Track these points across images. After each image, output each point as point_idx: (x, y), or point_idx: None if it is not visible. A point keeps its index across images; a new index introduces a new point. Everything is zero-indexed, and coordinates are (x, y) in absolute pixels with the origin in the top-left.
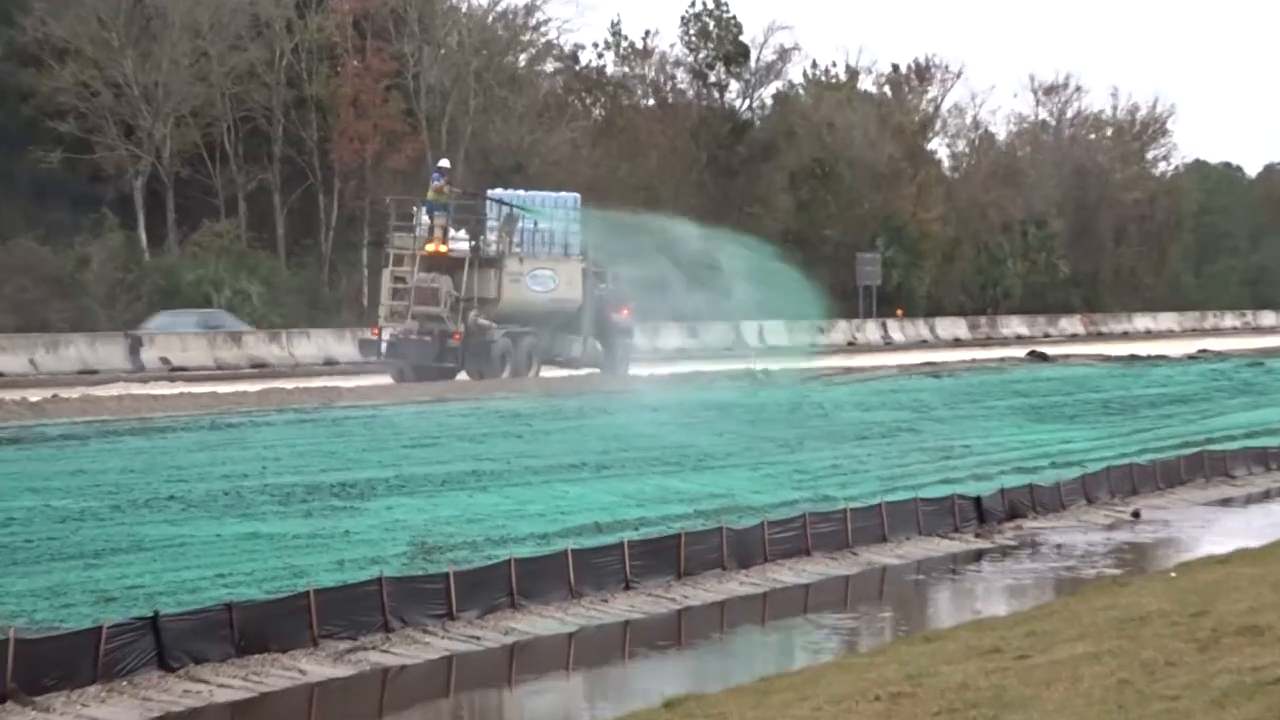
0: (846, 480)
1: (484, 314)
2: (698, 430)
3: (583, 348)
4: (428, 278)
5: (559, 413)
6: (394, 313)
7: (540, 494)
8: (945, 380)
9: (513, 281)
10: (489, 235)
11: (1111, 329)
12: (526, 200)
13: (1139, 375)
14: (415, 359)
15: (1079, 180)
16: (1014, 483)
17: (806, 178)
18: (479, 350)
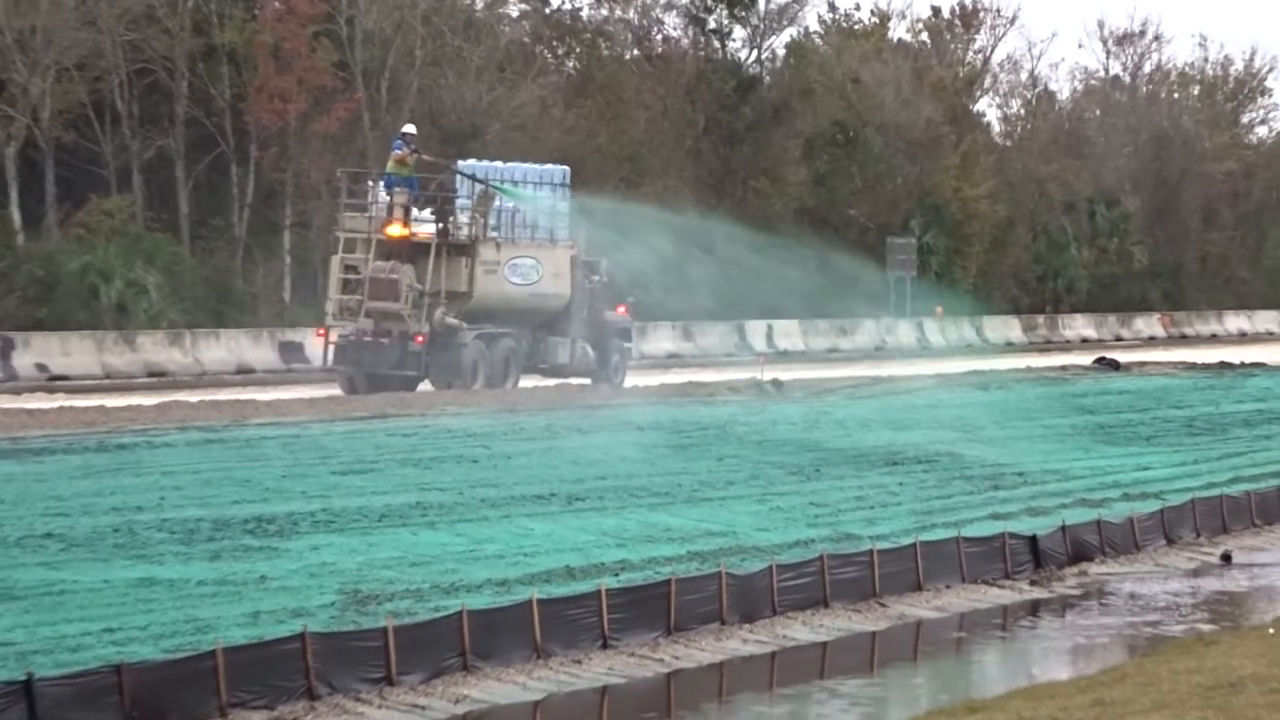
0: (873, 515)
1: (453, 311)
2: (692, 454)
3: (571, 353)
4: (385, 267)
5: (522, 432)
6: (344, 309)
7: (499, 531)
8: (995, 393)
9: (488, 272)
10: (460, 216)
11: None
12: (506, 174)
13: (1231, 387)
14: (369, 366)
15: (1158, 150)
16: (1078, 518)
17: (826, 145)
18: (447, 356)
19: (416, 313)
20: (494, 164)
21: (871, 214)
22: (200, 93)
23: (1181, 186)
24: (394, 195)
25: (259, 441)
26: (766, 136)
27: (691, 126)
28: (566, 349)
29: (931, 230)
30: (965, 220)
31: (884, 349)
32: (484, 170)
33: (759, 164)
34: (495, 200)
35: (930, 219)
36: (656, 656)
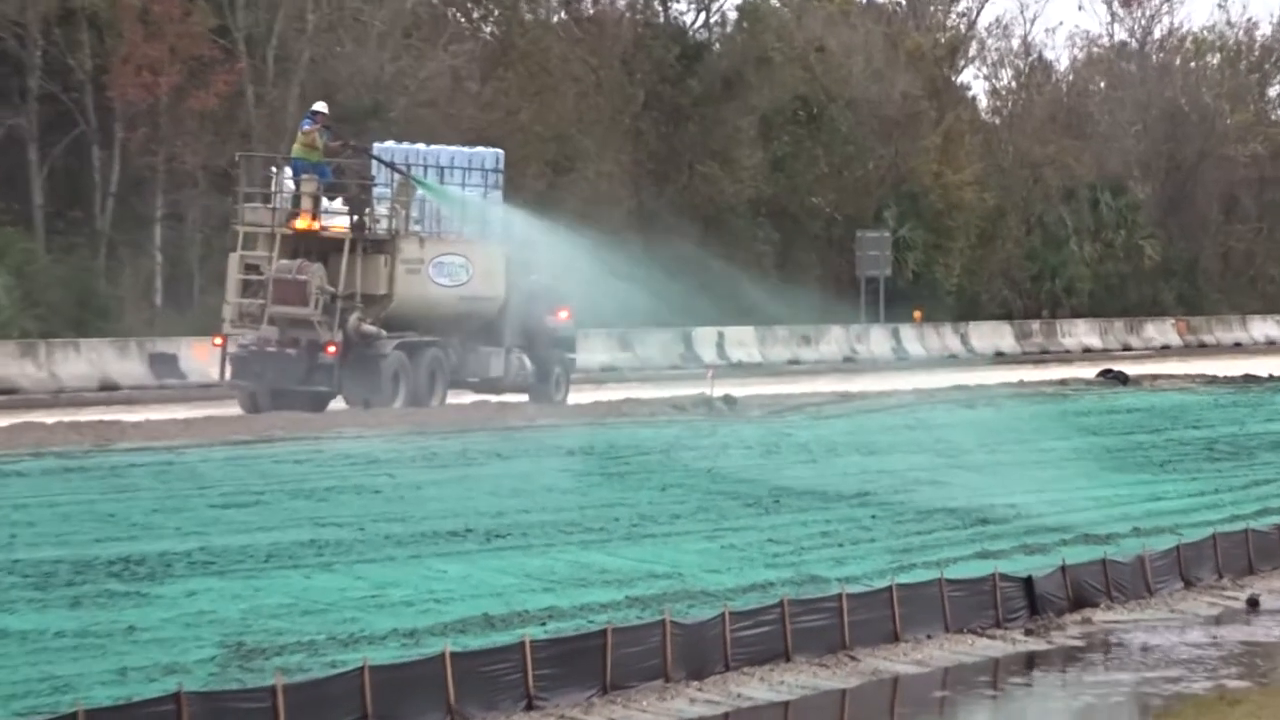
0: (842, 554)
1: (370, 317)
2: (631, 483)
3: (506, 365)
4: (291, 266)
5: (434, 457)
6: (244, 315)
7: (407, 573)
8: (983, 411)
9: (410, 272)
10: (377, 207)
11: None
12: (429, 158)
13: (1257, 404)
14: (274, 380)
15: (1172, 128)
16: (1080, 557)
17: (786, 124)
18: (363, 368)
19: (328, 319)
20: (416, 147)
21: (839, 203)
22: (57, 64)
23: (1199, 171)
24: (301, 183)
25: (126, 470)
26: (716, 113)
27: (629, 102)
28: (500, 360)
29: (909, 222)
30: (948, 210)
31: (854, 360)
32: (405, 155)
33: (708, 145)
34: (418, 189)
35: (907, 209)
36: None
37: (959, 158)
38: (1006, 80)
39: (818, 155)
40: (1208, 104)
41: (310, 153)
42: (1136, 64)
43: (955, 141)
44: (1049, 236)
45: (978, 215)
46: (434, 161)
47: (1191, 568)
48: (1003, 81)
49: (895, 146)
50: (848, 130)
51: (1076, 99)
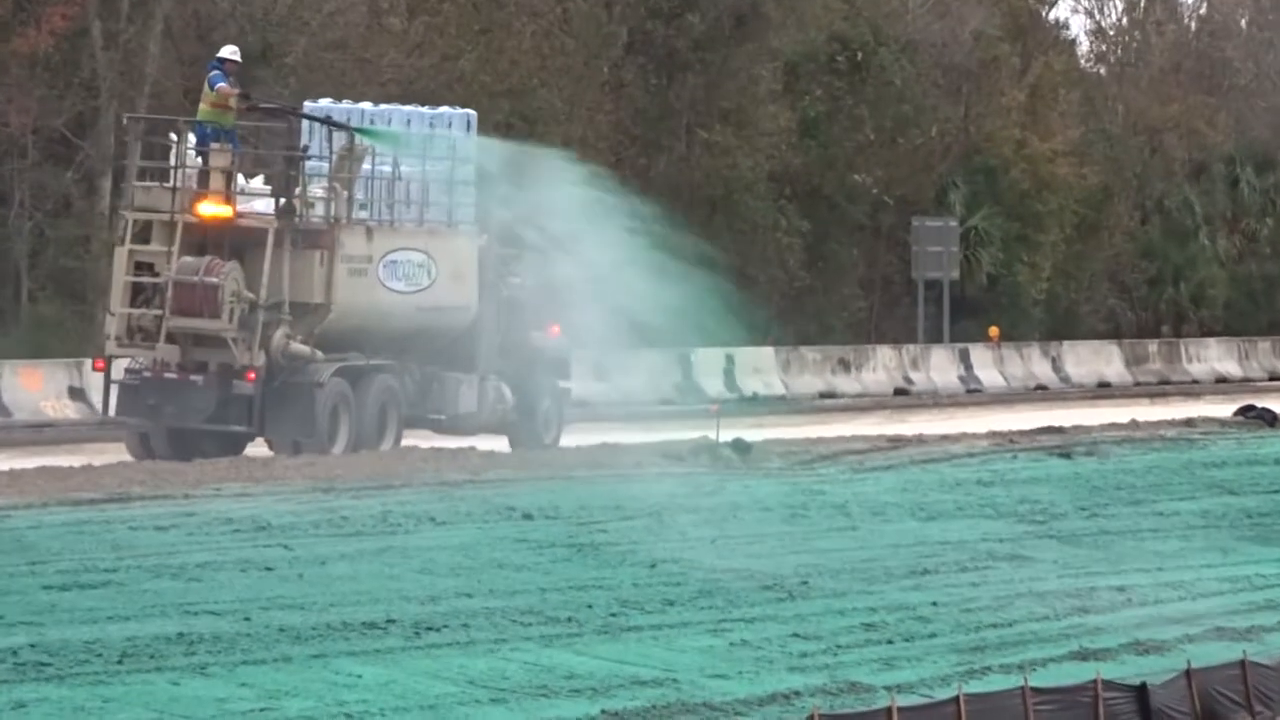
0: (892, 654)
1: (301, 334)
2: (610, 557)
3: (479, 397)
4: (198, 266)
5: (345, 523)
6: (135, 330)
7: (308, 679)
8: (1082, 463)
9: (354, 273)
10: (311, 186)
11: None
12: (377, 120)
13: None
14: (174, 416)
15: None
16: (1211, 658)
17: (819, 74)
18: (292, 401)
19: (246, 336)
20: (360, 107)
21: (889, 182)
22: None
23: None
24: (210, 155)
25: None
26: (725, 60)
27: (608, 44)
28: (473, 391)
29: (983, 208)
30: (1035, 192)
31: (909, 393)
32: (345, 117)
33: (714, 104)
34: (364, 160)
35: (981, 190)
36: None
37: (1051, 121)
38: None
39: (861, 117)
40: None
41: (223, 115)
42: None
43: (1046, 99)
44: (1172, 227)
45: (1076, 198)
46: (384, 124)
47: None
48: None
49: (965, 105)
50: (902, 84)
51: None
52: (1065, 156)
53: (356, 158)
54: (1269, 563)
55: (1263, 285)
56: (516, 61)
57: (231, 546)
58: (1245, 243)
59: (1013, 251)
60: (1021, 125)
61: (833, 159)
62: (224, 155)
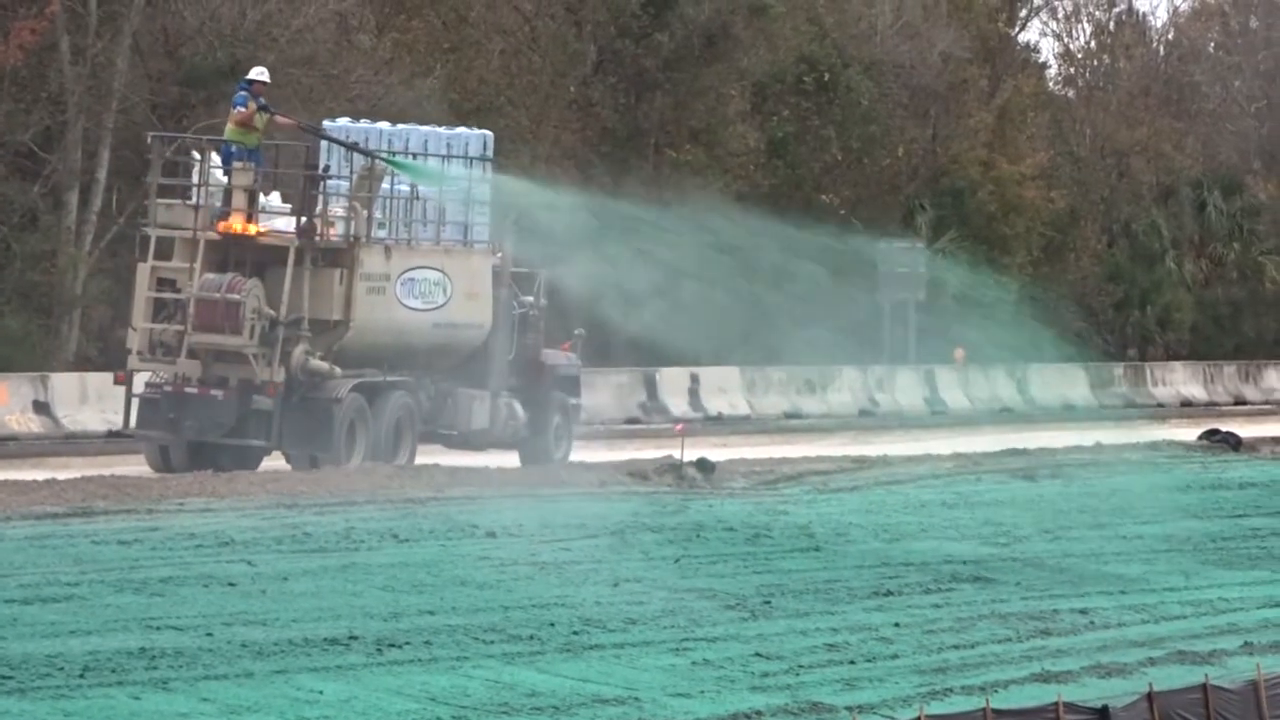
0: (854, 674)
1: (320, 350)
2: (572, 575)
3: (492, 413)
4: (220, 283)
5: (308, 539)
6: (157, 345)
7: (270, 694)
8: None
9: (373, 291)
10: (333, 205)
11: None
12: (395, 141)
13: None
14: (195, 430)
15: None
16: (1173, 681)
17: (787, 95)
18: (310, 416)
19: (266, 352)
20: (379, 127)
21: (856, 202)
22: None
23: None
24: (234, 174)
25: None
26: (694, 80)
27: (576, 62)
28: (485, 407)
29: (950, 230)
30: (1002, 214)
31: (873, 414)
32: (364, 137)
33: (683, 122)
34: (384, 181)
35: (948, 212)
36: None
37: (1018, 143)
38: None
39: (829, 137)
40: None
41: (248, 135)
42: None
43: (1014, 121)
44: (1139, 250)
45: (1043, 221)
46: (401, 145)
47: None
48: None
49: (933, 127)
50: (869, 104)
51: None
52: (1033, 179)
53: (376, 177)
54: (1232, 586)
55: (1229, 310)
56: (485, 80)
57: (194, 561)
58: (1212, 267)
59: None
60: (989, 147)
61: (800, 179)
62: (246, 174)
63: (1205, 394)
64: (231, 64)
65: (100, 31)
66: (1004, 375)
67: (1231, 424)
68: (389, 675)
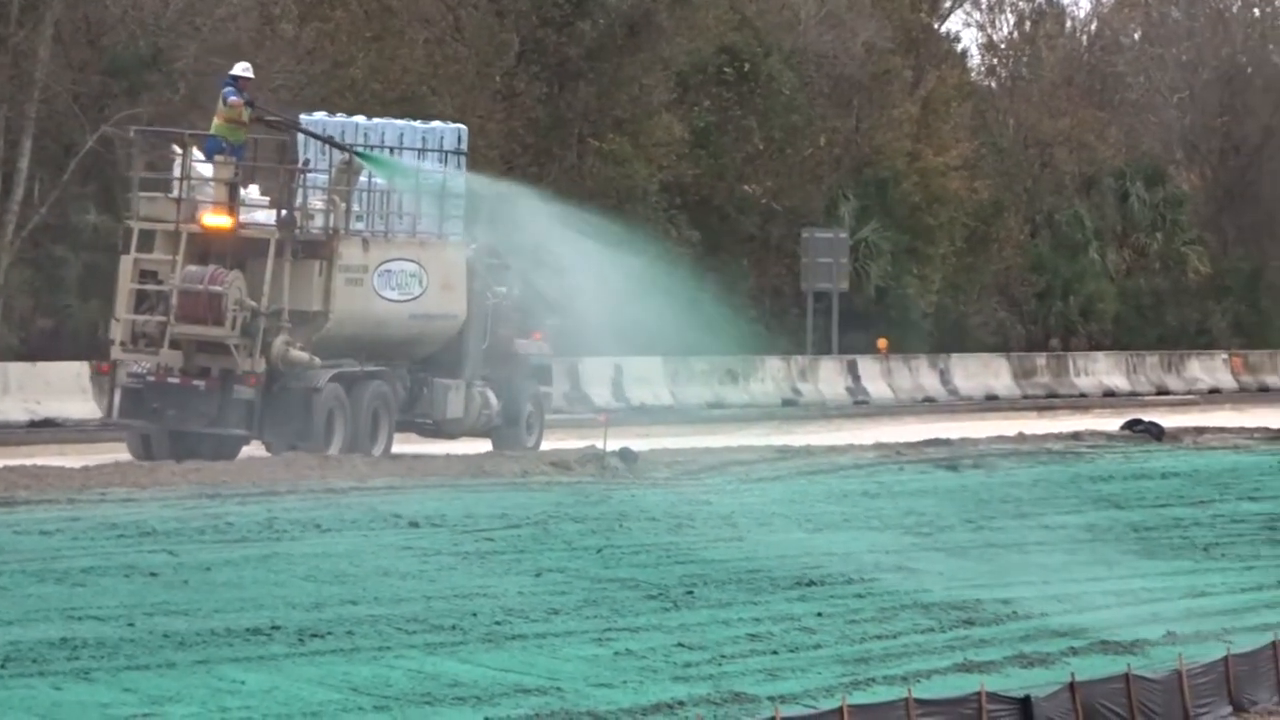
0: (777, 664)
1: (300, 340)
2: (495, 565)
3: (466, 402)
4: (202, 274)
5: (230, 529)
6: (139, 336)
7: (192, 684)
8: (969, 475)
9: (351, 283)
10: (311, 199)
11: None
12: (371, 134)
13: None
14: (177, 420)
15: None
16: (1095, 671)
17: (709, 84)
18: (290, 406)
19: (248, 342)
20: (355, 120)
21: (779, 192)
22: None
23: (1264, 154)
24: (215, 167)
25: None
26: (618, 69)
27: (500, 52)
28: (460, 396)
29: (873, 220)
30: (926, 204)
31: (796, 404)
32: (339, 130)
33: (606, 113)
34: (361, 175)
35: (871, 202)
36: None
37: (942, 134)
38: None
39: (750, 127)
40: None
41: (235, 130)
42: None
43: (938, 112)
44: (1061, 240)
45: (966, 211)
46: (377, 140)
47: (1244, 687)
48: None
49: (856, 118)
50: (791, 94)
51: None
52: (956, 170)
53: (354, 171)
54: (1154, 576)
55: (1151, 300)
56: (408, 69)
57: (116, 551)
58: (1134, 257)
59: (902, 264)
60: (913, 138)
61: (723, 169)
62: (227, 168)
63: (1128, 384)
64: (154, 53)
65: (22, 20)
66: (927, 365)
67: (1154, 414)
68: (311, 665)
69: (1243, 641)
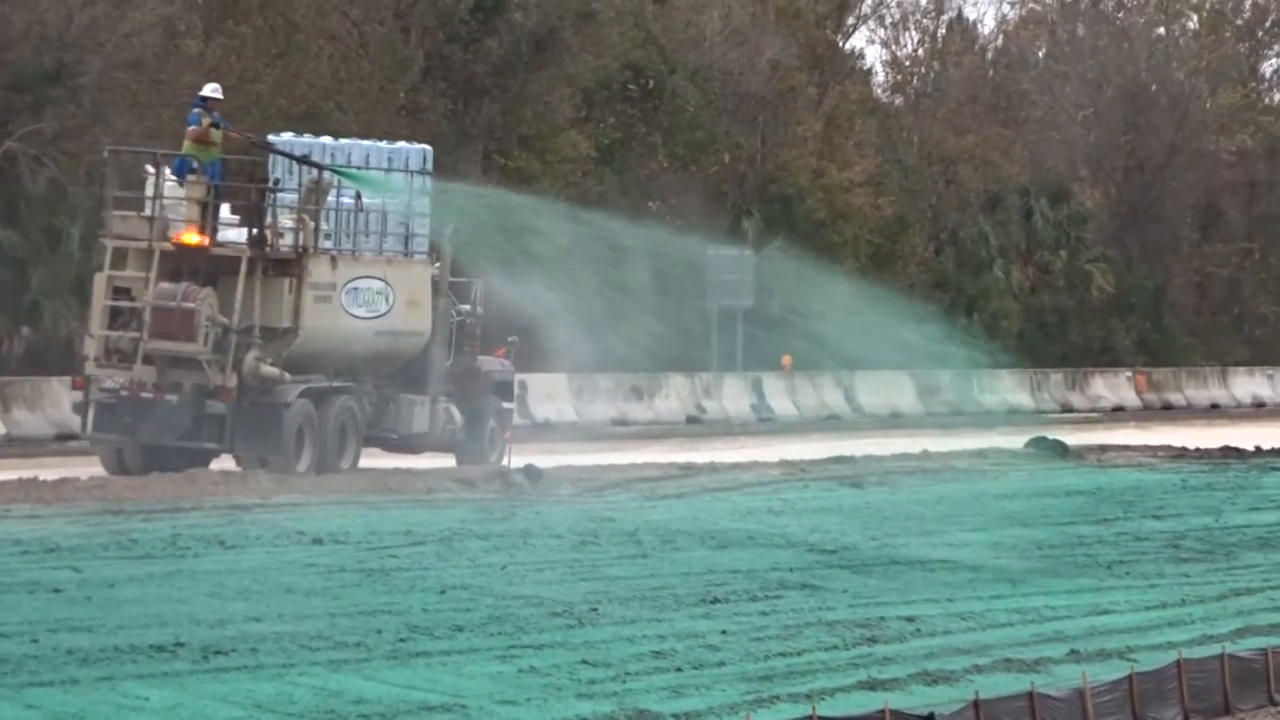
0: (681, 681)
1: (270, 356)
2: (399, 582)
3: (430, 418)
4: (175, 291)
5: (134, 545)
6: (113, 352)
7: (95, 702)
8: (873, 492)
9: (320, 300)
10: (281, 217)
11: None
12: (338, 155)
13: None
14: (150, 434)
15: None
16: (999, 689)
17: (615, 102)
18: (261, 421)
19: (220, 358)
20: (321, 141)
21: (683, 209)
22: None
23: (1168, 172)
24: (189, 186)
25: None
26: (524, 86)
27: (405, 68)
28: (425, 412)
29: (778, 236)
30: (831, 221)
31: (701, 421)
32: (307, 151)
33: (513, 129)
34: (330, 194)
35: (776, 218)
36: None
37: (846, 150)
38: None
39: (655, 144)
40: (1181, 82)
41: (205, 150)
42: (1087, 27)
43: (842, 129)
44: (965, 258)
45: (871, 228)
46: (344, 159)
47: (1148, 705)
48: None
49: (761, 134)
50: (696, 111)
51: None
52: (861, 186)
53: (322, 190)
54: (1058, 594)
55: (1055, 317)
56: (313, 85)
57: (20, 568)
58: (1038, 274)
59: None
60: (818, 155)
61: (628, 186)
62: (199, 187)
63: (1032, 402)
64: (58, 68)
65: None
66: (831, 383)
67: (1058, 432)
68: (215, 683)
69: (1146, 660)
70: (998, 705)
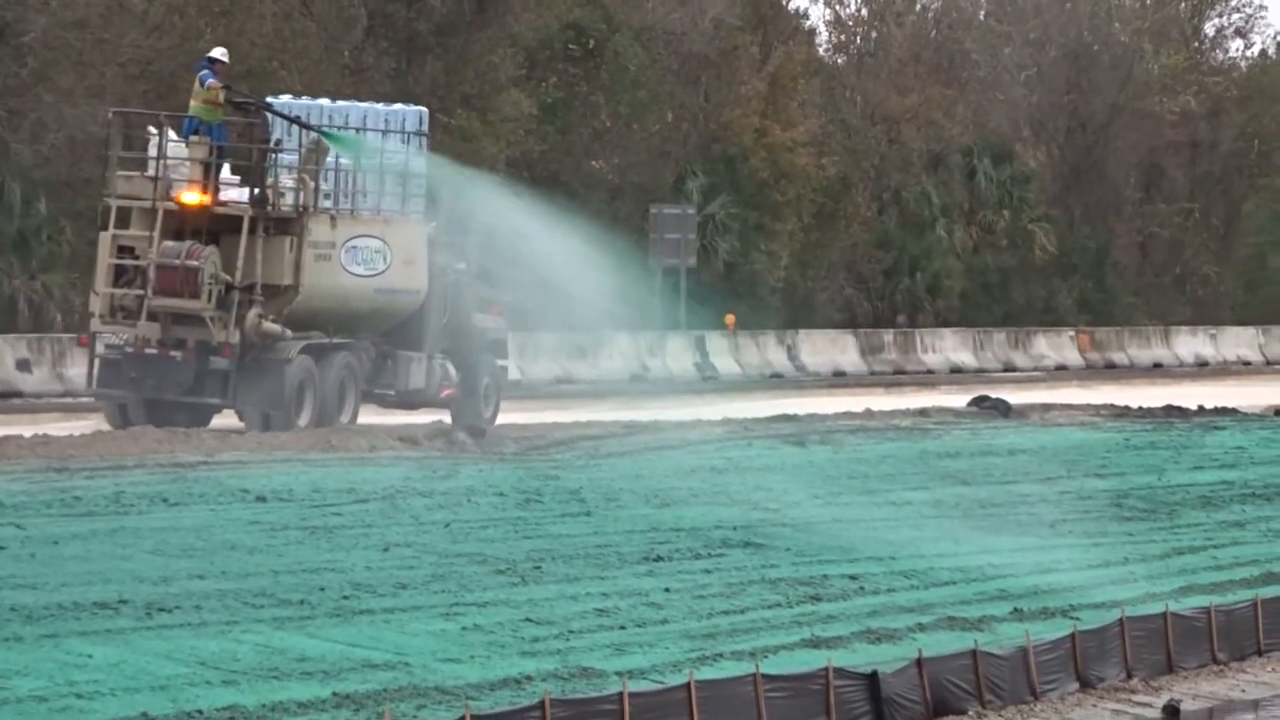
0: (624, 639)
1: (272, 313)
2: (342, 540)
3: (427, 374)
4: (179, 250)
5: (78, 503)
6: (118, 309)
7: (39, 658)
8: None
9: (320, 258)
10: (283, 177)
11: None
12: (336, 116)
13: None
14: (153, 389)
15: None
16: (942, 648)
17: (557, 61)
18: (263, 376)
19: (222, 315)
20: (320, 103)
21: (626, 169)
22: None
23: (1110, 132)
24: (191, 147)
25: None
26: (466, 45)
27: (348, 27)
28: (422, 368)
29: (721, 195)
30: (774, 181)
31: (645, 379)
32: (305, 112)
33: (455, 89)
34: (329, 154)
35: (719, 178)
36: None
37: (790, 110)
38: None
39: (598, 103)
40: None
41: (212, 111)
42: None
43: (785, 89)
44: (908, 217)
45: (814, 188)
46: (341, 121)
47: (1091, 663)
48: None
49: (704, 94)
50: (637, 70)
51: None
52: (804, 146)
53: (322, 151)
54: (1001, 553)
55: (998, 277)
56: (256, 43)
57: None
58: (981, 234)
59: (750, 240)
60: (761, 115)
61: (570, 145)
62: (202, 147)
63: (975, 361)
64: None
65: None
66: (774, 341)
67: (1001, 390)
68: (158, 639)
69: (1089, 618)
70: (941, 663)
